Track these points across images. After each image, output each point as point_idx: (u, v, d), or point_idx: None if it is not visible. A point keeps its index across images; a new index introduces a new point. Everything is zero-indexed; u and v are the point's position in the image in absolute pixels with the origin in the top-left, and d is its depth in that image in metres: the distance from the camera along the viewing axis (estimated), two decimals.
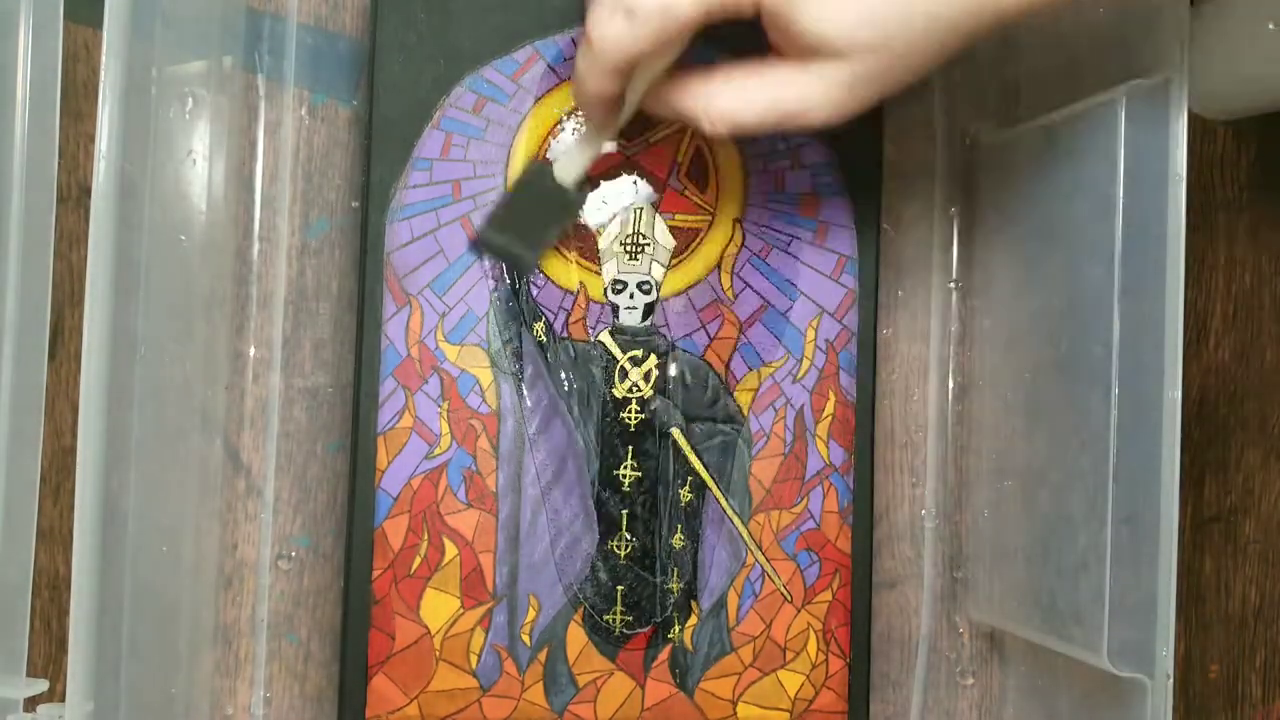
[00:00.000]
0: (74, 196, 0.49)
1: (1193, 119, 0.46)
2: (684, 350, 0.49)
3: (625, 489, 0.49)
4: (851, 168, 0.51)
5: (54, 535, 0.48)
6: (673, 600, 0.49)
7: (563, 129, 0.49)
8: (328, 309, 0.52)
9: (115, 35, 0.38)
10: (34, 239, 0.39)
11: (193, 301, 0.48)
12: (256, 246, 0.51)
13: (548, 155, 0.48)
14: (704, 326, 0.50)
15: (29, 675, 0.38)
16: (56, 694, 0.38)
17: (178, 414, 0.47)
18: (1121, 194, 0.44)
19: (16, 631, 0.38)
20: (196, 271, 0.48)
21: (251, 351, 0.51)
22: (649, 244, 0.50)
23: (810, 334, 0.50)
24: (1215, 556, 0.58)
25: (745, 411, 0.50)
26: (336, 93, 0.52)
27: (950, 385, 0.55)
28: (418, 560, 0.48)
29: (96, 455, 0.38)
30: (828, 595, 0.50)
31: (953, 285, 0.55)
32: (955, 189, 0.55)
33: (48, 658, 0.49)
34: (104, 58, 0.38)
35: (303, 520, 0.51)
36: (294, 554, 0.51)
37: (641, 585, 0.49)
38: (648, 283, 0.49)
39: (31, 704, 0.39)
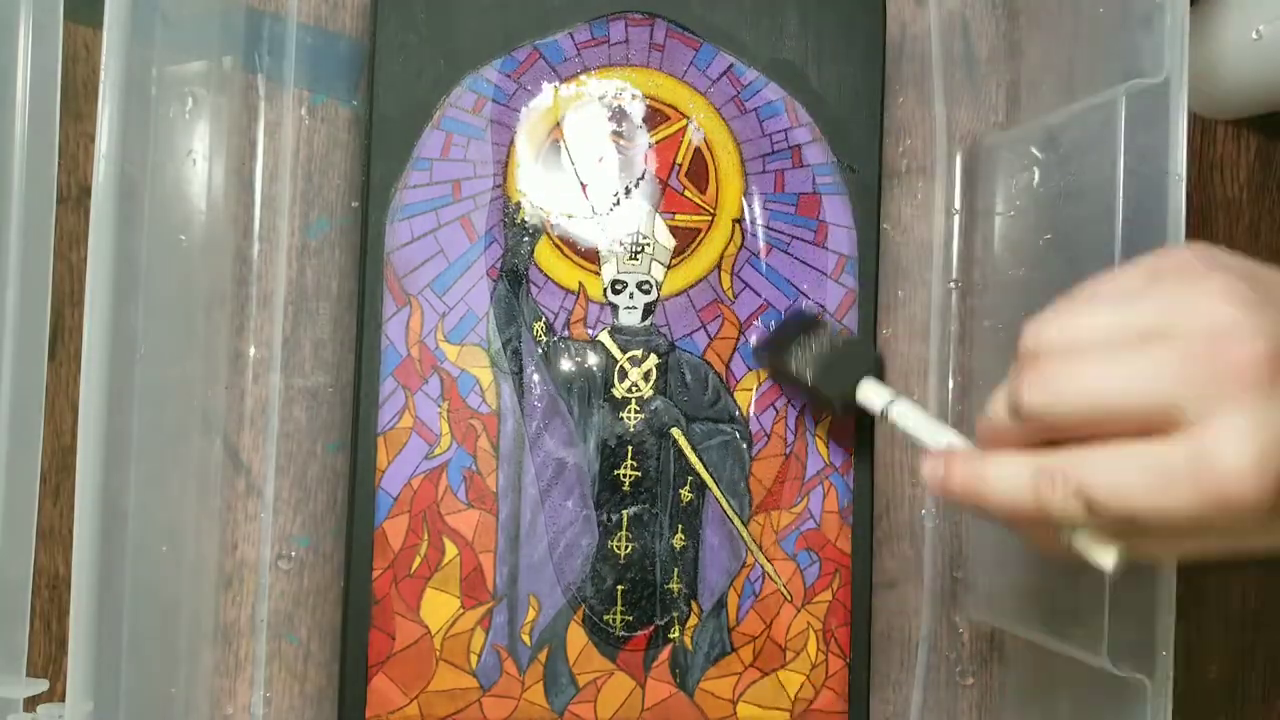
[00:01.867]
0: (74, 196, 0.49)
1: (1193, 119, 0.46)
2: (684, 350, 0.49)
3: (625, 489, 0.49)
4: (851, 168, 0.51)
5: (54, 535, 0.48)
6: (673, 600, 0.49)
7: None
8: (328, 309, 0.51)
9: (115, 35, 0.38)
10: (34, 239, 0.39)
11: (193, 301, 0.48)
12: (256, 246, 0.51)
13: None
14: (704, 326, 0.50)
15: (29, 675, 0.38)
16: (56, 694, 0.38)
17: (178, 414, 0.47)
18: (1121, 194, 0.44)
19: (16, 631, 0.38)
20: (196, 271, 0.48)
21: (251, 351, 0.51)
22: (649, 244, 0.50)
23: None
24: None
25: (745, 411, 0.50)
26: (336, 93, 0.52)
27: (950, 385, 0.55)
28: (418, 560, 0.48)
29: (96, 455, 0.38)
30: (828, 595, 0.50)
31: (953, 285, 0.55)
32: (955, 189, 0.55)
33: (48, 658, 0.49)
34: (104, 58, 0.38)
35: (303, 520, 0.51)
36: (294, 554, 0.51)
37: (641, 585, 0.49)
38: (648, 283, 0.49)
39: (31, 704, 0.39)
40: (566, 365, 0.49)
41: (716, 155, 0.50)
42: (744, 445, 0.50)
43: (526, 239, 0.49)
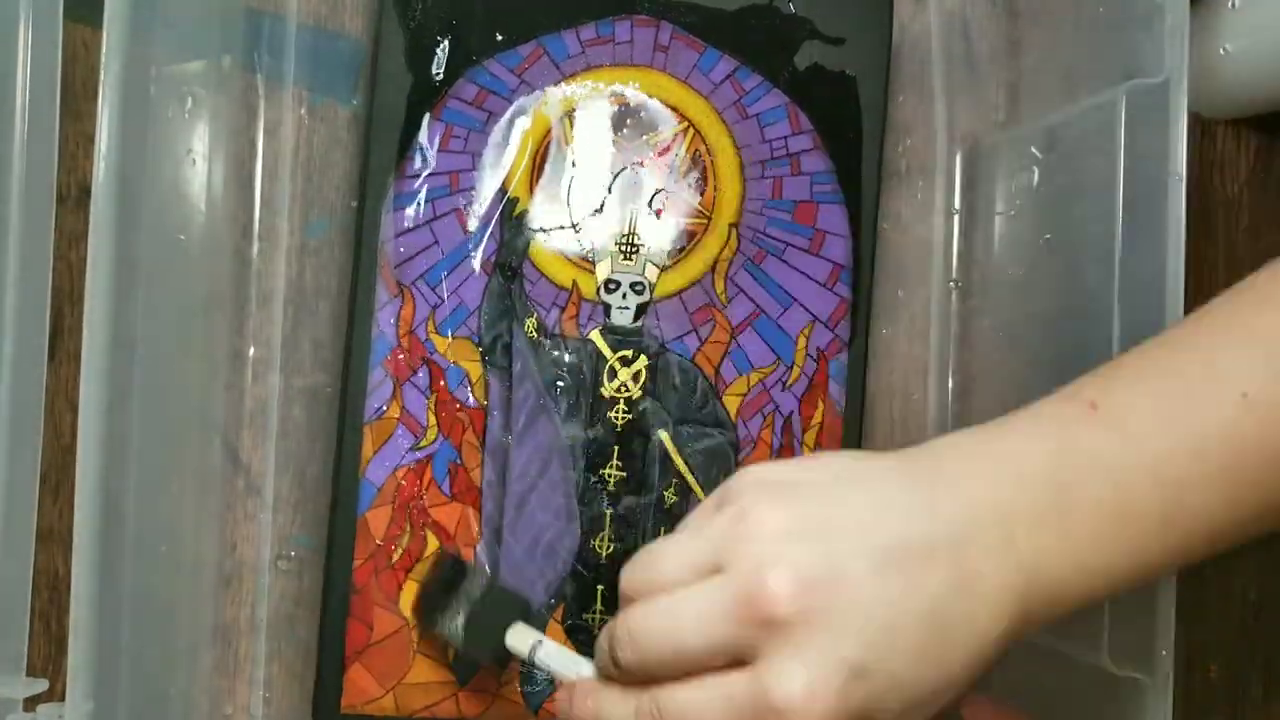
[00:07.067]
0: (74, 196, 0.50)
1: (1193, 119, 0.46)
2: (674, 352, 0.49)
3: (610, 489, 0.49)
4: (850, 175, 0.51)
5: (54, 535, 0.48)
6: None
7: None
8: (327, 308, 0.52)
9: (115, 35, 0.38)
10: (34, 239, 0.40)
11: (192, 301, 0.48)
12: (256, 246, 0.51)
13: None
14: (695, 330, 0.50)
15: (29, 675, 0.39)
16: (56, 694, 0.38)
17: (178, 414, 0.47)
18: (1121, 194, 0.44)
19: (16, 631, 0.38)
20: (196, 271, 0.48)
21: (251, 351, 0.51)
22: (644, 245, 0.49)
23: (801, 342, 0.50)
24: (1215, 556, 0.58)
25: (733, 416, 0.50)
26: (336, 93, 0.52)
27: (950, 385, 0.55)
28: (399, 552, 0.48)
29: (96, 455, 0.38)
30: None
31: (953, 285, 0.55)
32: (955, 189, 0.55)
33: (47, 658, 0.49)
34: (103, 57, 0.38)
35: (302, 520, 0.51)
36: (293, 554, 0.51)
37: None
38: (641, 283, 0.49)
39: (31, 704, 0.39)
40: (556, 362, 0.49)
41: (716, 159, 0.50)
42: (731, 450, 0.50)
43: (522, 234, 0.49)
